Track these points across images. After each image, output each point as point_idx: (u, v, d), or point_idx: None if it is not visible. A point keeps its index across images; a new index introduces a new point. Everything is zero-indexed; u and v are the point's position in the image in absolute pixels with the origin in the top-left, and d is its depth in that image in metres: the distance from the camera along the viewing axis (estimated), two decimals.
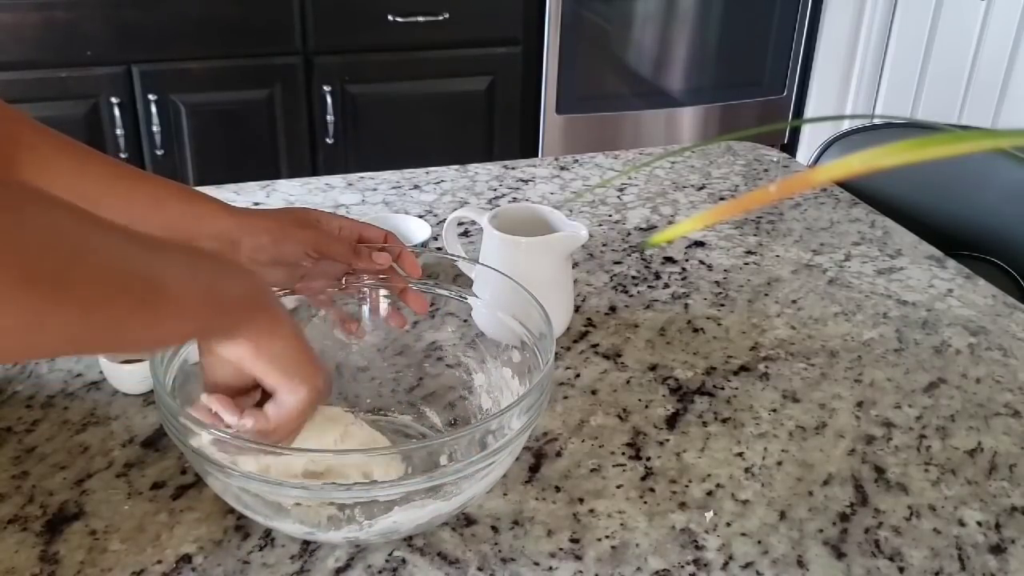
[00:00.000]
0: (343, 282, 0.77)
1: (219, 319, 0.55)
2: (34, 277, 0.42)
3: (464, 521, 0.68)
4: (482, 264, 0.81)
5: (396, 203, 1.18)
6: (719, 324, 0.95)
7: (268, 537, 0.66)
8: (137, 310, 0.48)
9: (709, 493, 0.72)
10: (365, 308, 0.79)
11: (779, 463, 0.75)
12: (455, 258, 0.87)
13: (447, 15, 2.32)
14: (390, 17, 2.28)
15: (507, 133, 2.51)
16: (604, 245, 1.10)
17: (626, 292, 1.00)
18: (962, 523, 0.70)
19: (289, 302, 0.75)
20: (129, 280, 0.47)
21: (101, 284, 0.46)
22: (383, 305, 0.79)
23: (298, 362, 0.58)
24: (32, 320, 0.42)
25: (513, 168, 1.31)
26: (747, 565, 0.65)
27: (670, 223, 1.16)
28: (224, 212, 0.74)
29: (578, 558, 0.65)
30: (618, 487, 0.72)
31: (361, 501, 0.61)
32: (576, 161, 1.34)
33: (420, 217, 1.06)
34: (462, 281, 0.80)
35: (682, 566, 0.65)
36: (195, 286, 0.52)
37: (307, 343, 0.59)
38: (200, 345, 0.59)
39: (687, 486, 0.72)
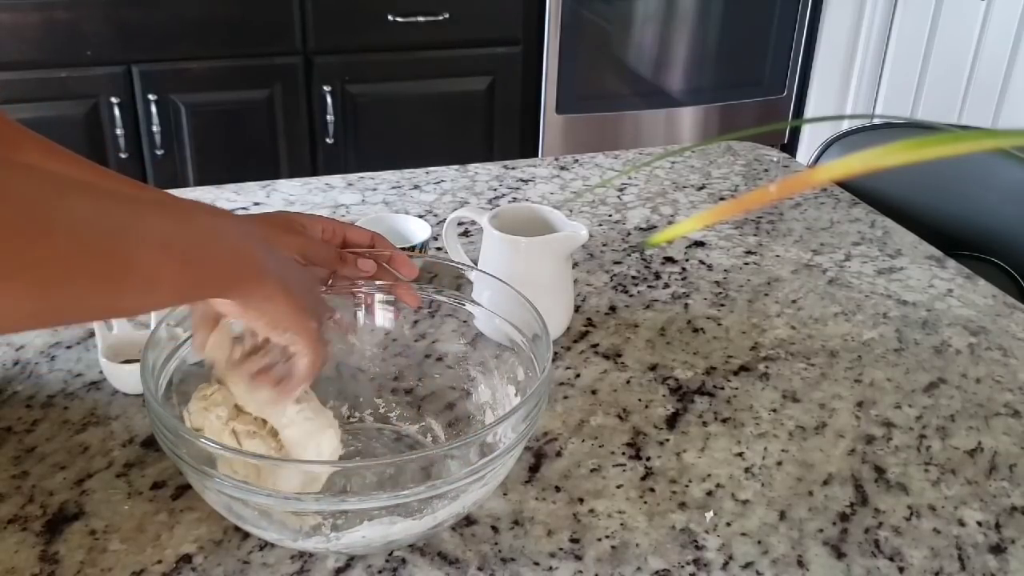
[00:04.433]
0: (329, 283, 0.77)
1: (200, 288, 0.55)
2: None
3: (464, 521, 0.68)
4: (479, 270, 0.81)
5: (396, 203, 1.18)
6: (719, 324, 0.95)
7: None
8: (99, 285, 0.47)
9: (709, 493, 0.72)
10: (360, 309, 0.78)
11: (779, 463, 0.75)
12: (453, 264, 0.86)
13: (447, 15, 2.32)
14: (390, 17, 2.28)
15: (507, 133, 2.51)
16: (604, 245, 1.10)
17: (626, 292, 1.00)
18: (962, 523, 0.70)
19: None
20: (92, 257, 0.46)
21: (61, 262, 0.44)
22: (377, 306, 0.78)
23: (289, 317, 0.59)
24: None
25: (513, 168, 1.31)
26: (747, 565, 0.65)
27: (670, 223, 1.16)
28: None
29: (578, 558, 0.65)
30: (618, 487, 0.72)
31: (325, 513, 0.61)
32: (576, 161, 1.34)
33: (420, 217, 1.06)
34: (462, 281, 0.80)
35: (682, 566, 0.65)
36: (170, 256, 0.50)
37: (297, 291, 0.60)
38: None
39: (687, 486, 0.72)
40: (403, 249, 0.80)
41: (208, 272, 0.54)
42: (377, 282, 0.77)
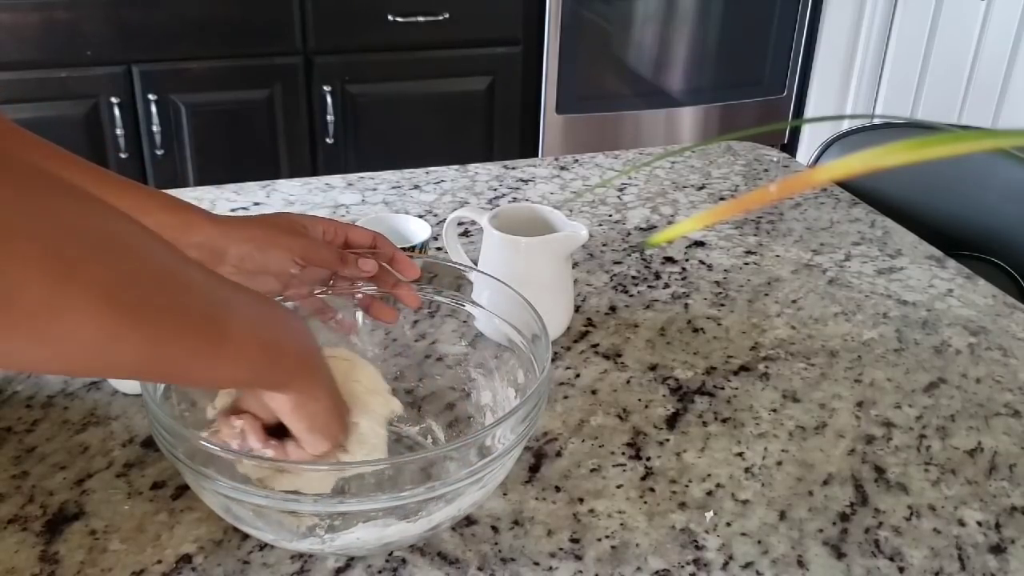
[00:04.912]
0: (331, 283, 0.77)
1: (271, 372, 0.55)
2: (118, 296, 0.43)
3: (464, 521, 0.68)
4: (479, 270, 0.81)
5: (396, 203, 1.18)
6: (719, 324, 0.95)
7: None
8: (202, 347, 0.49)
9: (709, 493, 0.72)
10: (360, 309, 0.78)
11: (779, 463, 0.75)
12: (453, 264, 0.86)
13: (447, 15, 2.32)
14: (390, 17, 2.28)
15: (507, 133, 2.51)
16: (604, 245, 1.10)
17: (626, 292, 1.00)
18: (962, 523, 0.70)
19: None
20: (202, 316, 0.49)
21: (177, 314, 0.47)
22: (374, 303, 0.78)
23: (328, 423, 0.60)
24: (109, 338, 0.43)
25: (513, 168, 1.31)
26: (747, 565, 0.65)
27: (670, 223, 1.16)
28: (208, 222, 0.72)
29: (578, 558, 0.65)
30: (618, 487, 0.72)
31: (320, 514, 0.61)
32: (576, 161, 1.34)
33: (420, 217, 1.06)
34: (462, 282, 0.80)
35: (682, 566, 0.65)
36: (257, 335, 0.53)
37: (340, 401, 0.61)
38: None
39: (687, 486, 0.72)
40: (403, 249, 0.80)
41: (280, 359, 0.55)
42: (375, 279, 0.77)
